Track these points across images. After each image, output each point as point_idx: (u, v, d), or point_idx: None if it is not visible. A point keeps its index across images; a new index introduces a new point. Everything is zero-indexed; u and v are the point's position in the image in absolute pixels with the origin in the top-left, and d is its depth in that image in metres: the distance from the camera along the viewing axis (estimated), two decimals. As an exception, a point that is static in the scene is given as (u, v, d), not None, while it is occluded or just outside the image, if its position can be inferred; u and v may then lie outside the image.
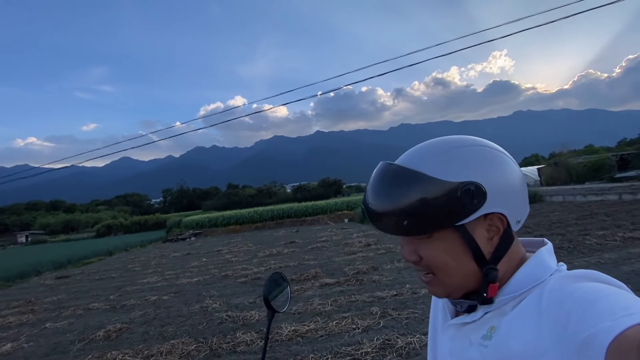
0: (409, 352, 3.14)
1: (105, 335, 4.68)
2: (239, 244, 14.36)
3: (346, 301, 4.87)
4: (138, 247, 19.95)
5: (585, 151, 37.77)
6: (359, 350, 3.25)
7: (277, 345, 3.70)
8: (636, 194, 13.25)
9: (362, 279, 5.95)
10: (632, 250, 5.70)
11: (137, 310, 5.85)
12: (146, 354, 3.82)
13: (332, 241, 11.60)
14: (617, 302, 0.38)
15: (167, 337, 4.38)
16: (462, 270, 0.51)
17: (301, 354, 3.38)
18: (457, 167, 0.49)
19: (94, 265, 13.93)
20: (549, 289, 0.45)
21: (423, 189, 0.48)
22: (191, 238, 21.64)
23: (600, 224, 8.46)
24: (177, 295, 6.70)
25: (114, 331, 4.81)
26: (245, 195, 63.91)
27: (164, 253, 14.93)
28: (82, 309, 6.49)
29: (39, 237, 48.49)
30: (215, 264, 9.95)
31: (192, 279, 8.15)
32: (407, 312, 4.12)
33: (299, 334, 3.87)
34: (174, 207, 79.17)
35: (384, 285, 5.44)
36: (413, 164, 0.51)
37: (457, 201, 0.47)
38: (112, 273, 10.95)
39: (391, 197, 0.50)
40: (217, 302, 5.68)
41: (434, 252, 0.51)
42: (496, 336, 0.48)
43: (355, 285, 5.72)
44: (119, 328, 4.92)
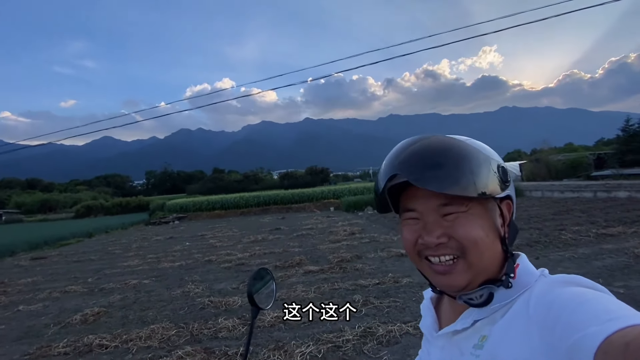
0: (389, 340, 3.20)
1: (82, 319, 4.58)
2: (224, 229, 14.25)
3: (329, 289, 4.91)
4: (119, 230, 19.53)
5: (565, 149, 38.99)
6: (340, 338, 3.30)
7: (260, 331, 3.71)
8: (610, 192, 13.81)
9: (345, 267, 6.01)
10: (604, 246, 5.95)
11: (117, 294, 5.75)
12: (125, 339, 3.76)
13: (317, 229, 11.65)
14: (601, 307, 0.39)
15: (147, 321, 4.32)
16: (492, 248, 0.52)
17: (283, 340, 3.40)
18: (491, 152, 0.55)
19: (72, 247, 13.56)
20: (536, 294, 0.46)
21: (478, 157, 0.51)
22: (175, 222, 21.33)
23: (575, 219, 8.79)
24: (159, 280, 6.60)
25: (91, 315, 4.70)
26: (231, 180, 63.28)
27: (146, 236, 14.67)
28: (59, 291, 6.32)
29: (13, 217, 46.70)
30: (199, 249, 9.86)
31: (174, 263, 8.05)
32: (388, 300, 4.19)
33: (282, 321, 3.89)
34: (157, 189, 77.68)
35: (366, 274, 5.51)
36: (464, 139, 0.54)
37: (497, 174, 0.52)
38: (91, 255, 10.69)
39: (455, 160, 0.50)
40: (200, 287, 5.64)
41: (470, 226, 0.51)
42: (488, 345, 0.49)
43: (339, 273, 5.78)
44: (97, 312, 4.82)
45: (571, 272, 0.50)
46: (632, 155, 22.08)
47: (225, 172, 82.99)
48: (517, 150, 63.79)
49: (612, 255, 5.35)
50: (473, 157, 0.51)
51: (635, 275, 4.37)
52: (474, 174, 0.49)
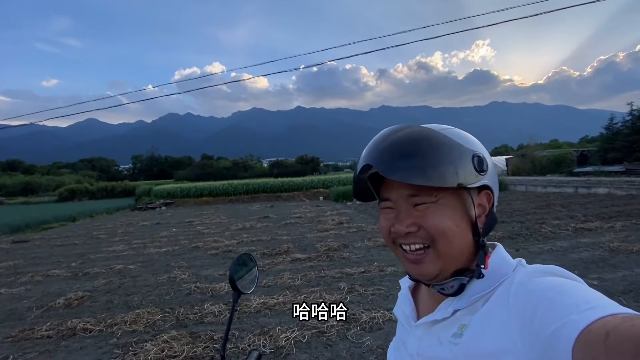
0: (372, 327, 3.29)
1: (65, 303, 4.53)
2: (212, 216, 14.17)
3: (316, 276, 4.98)
4: (104, 214, 19.20)
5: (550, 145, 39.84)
6: (324, 324, 3.36)
7: (245, 317, 3.75)
8: (590, 188, 14.26)
9: (332, 256, 6.09)
10: (581, 239, 6.18)
11: (101, 279, 5.70)
12: (109, 323, 3.75)
13: (306, 218, 11.71)
14: (580, 296, 0.39)
15: (132, 306, 4.31)
16: (462, 238, 0.52)
17: (268, 326, 3.45)
18: (469, 141, 0.54)
19: (54, 231, 13.29)
20: (516, 284, 0.46)
21: (450, 147, 0.51)
22: (161, 207, 21.07)
23: (556, 214, 9.07)
24: (145, 265, 6.56)
25: (75, 299, 4.66)
26: (220, 167, 62.55)
27: (131, 221, 14.47)
28: (41, 275, 6.22)
29: (-7, 198, 45.27)
30: (186, 235, 9.80)
31: (160, 249, 7.99)
32: (373, 288, 4.29)
33: (267, 307, 3.94)
34: (143, 174, 76.19)
35: (353, 262, 5.60)
36: (439, 129, 0.54)
37: (471, 165, 0.51)
38: (75, 240, 10.52)
39: (423, 150, 0.50)
40: (186, 273, 5.63)
41: (439, 216, 0.51)
42: (467, 334, 0.49)
43: (326, 261, 5.85)
44: (81, 296, 4.78)
45: (549, 264, 0.51)
46: (614, 153, 22.74)
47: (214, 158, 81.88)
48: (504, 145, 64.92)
49: (588, 248, 5.57)
50: (443, 147, 0.50)
51: (609, 268, 4.58)
52: (441, 164, 0.49)
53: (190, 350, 3.04)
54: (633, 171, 17.87)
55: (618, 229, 6.81)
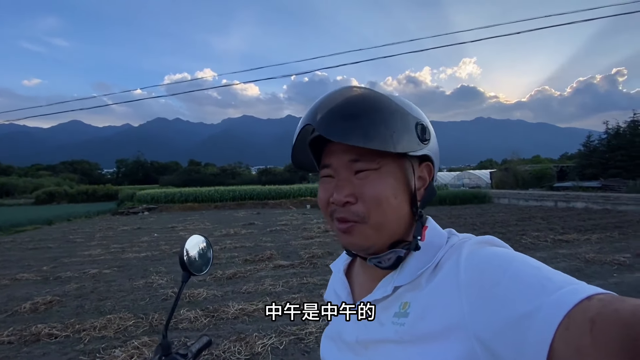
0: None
1: (32, 308, 4.31)
2: (196, 222, 13.89)
3: (298, 283, 4.90)
4: (83, 218, 18.55)
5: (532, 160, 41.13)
6: (303, 330, 3.29)
7: (222, 323, 3.64)
8: (569, 202, 14.70)
9: (316, 263, 6.02)
10: (559, 250, 6.32)
11: (73, 283, 5.45)
12: (77, 328, 3.57)
13: (291, 225, 11.61)
14: (539, 273, 0.37)
15: (103, 311, 4.13)
16: (399, 210, 0.49)
17: (245, 332, 3.35)
18: (413, 109, 0.52)
19: (28, 234, 12.73)
20: (464, 257, 0.44)
21: (394, 112, 0.48)
22: (144, 212, 20.54)
23: (536, 226, 9.28)
24: (121, 270, 6.33)
25: (42, 303, 4.43)
26: (208, 173, 61.78)
27: (111, 226, 14.03)
28: (8, 279, 5.91)
29: (-35, 200, 43.22)
30: (167, 240, 9.55)
31: (139, 253, 7.75)
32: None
33: (246, 313, 3.84)
34: (128, 179, 74.48)
35: (336, 270, 5.54)
36: (387, 94, 0.51)
37: (414, 132, 0.49)
38: (49, 243, 10.09)
39: (367, 111, 0.47)
40: (164, 279, 5.46)
41: (380, 185, 0.48)
42: (413, 312, 0.46)
43: (309, 268, 5.78)
44: (49, 300, 4.55)
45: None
46: (591, 169, 23.63)
47: (202, 164, 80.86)
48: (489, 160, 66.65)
49: (565, 259, 5.69)
50: (387, 110, 0.48)
51: (584, 278, 4.62)
52: (388, 128, 0.46)
53: (162, 357, 2.91)
54: (608, 187, 18.57)
55: (594, 241, 7.01)
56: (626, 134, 23.48)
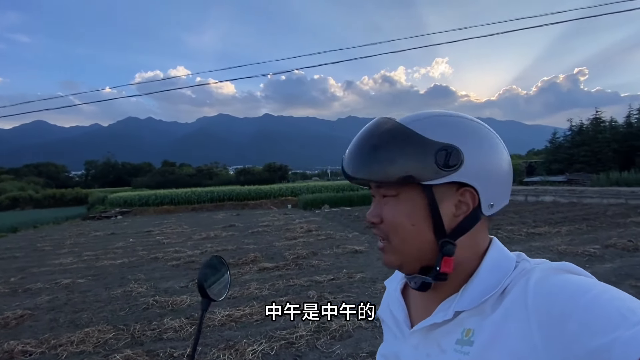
0: (342, 335, 3.25)
1: (2, 323, 4.02)
2: (173, 225, 13.47)
3: (284, 285, 4.86)
4: (51, 224, 17.54)
5: (503, 157, 42.93)
6: (293, 334, 3.27)
7: (209, 331, 3.55)
8: (539, 196, 15.49)
9: (301, 264, 6.00)
10: (533, 243, 6.64)
11: (45, 295, 5.14)
12: (53, 344, 3.37)
13: (273, 226, 11.50)
14: (620, 304, 0.35)
15: (80, 324, 3.92)
16: (419, 237, 0.49)
17: (234, 339, 3.28)
18: (444, 130, 0.48)
19: (-10, 243, 11.88)
20: (534, 284, 0.41)
21: (404, 141, 0.47)
22: (117, 217, 19.69)
23: (509, 220, 9.69)
24: (96, 279, 6.04)
25: (13, 318, 4.15)
26: (183, 174, 60.00)
27: (83, 232, 13.34)
28: (-29, 293, 5.49)
29: None
30: (144, 246, 9.20)
31: (115, 260, 7.41)
32: (342, 295, 4.26)
33: (233, 319, 3.76)
34: (98, 181, 71.09)
35: (322, 270, 5.55)
36: (406, 120, 0.50)
37: (431, 159, 0.46)
38: (15, 252, 9.47)
39: (374, 146, 0.49)
40: (144, 286, 5.25)
41: (395, 212, 0.49)
42: (479, 341, 0.43)
43: (294, 269, 5.75)
44: (20, 315, 4.26)
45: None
46: (557, 164, 24.97)
47: (177, 165, 78.39)
48: (462, 156, 68.82)
49: (539, 252, 5.98)
50: (393, 141, 0.48)
51: (557, 269, 4.93)
52: (387, 158, 0.47)
53: (147, 370, 2.80)
54: (574, 181, 19.71)
55: (564, 233, 7.41)
56: (589, 130, 24.96)
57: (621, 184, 16.29)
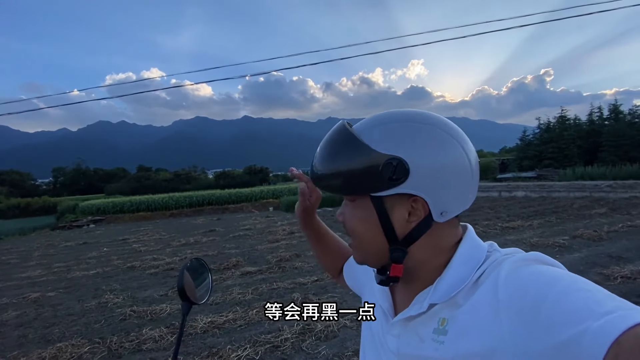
0: (327, 335, 3.25)
1: (-39, 344, 3.74)
2: (150, 232, 13.02)
3: (267, 289, 4.81)
4: (16, 236, 16.53)
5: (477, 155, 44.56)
6: (278, 338, 3.24)
7: (191, 339, 3.45)
8: (511, 192, 16.15)
9: (284, 266, 5.96)
10: (507, 237, 6.92)
11: (11, 311, 4.82)
12: (21, 362, 3.17)
13: (255, 229, 11.36)
14: (587, 294, 0.35)
15: (51, 339, 3.70)
16: (373, 241, 0.52)
17: (217, 346, 3.21)
18: (392, 141, 0.48)
19: (-53, 259, 11.03)
20: (505, 275, 0.42)
21: (354, 152, 0.49)
22: (89, 225, 18.82)
23: (485, 215, 10.06)
24: (68, 291, 5.73)
25: (-26, 338, 3.87)
26: (160, 179, 58.19)
27: (52, 242, 12.65)
28: None
29: None
30: (120, 255, 8.83)
31: (88, 271, 7.07)
32: (326, 296, 4.27)
33: (216, 325, 3.68)
34: (67, 189, 67.66)
35: (305, 272, 5.53)
36: (359, 129, 0.52)
37: (377, 172, 0.47)
38: (-24, 267, 8.83)
39: (329, 155, 0.53)
40: (120, 297, 5.04)
41: (351, 216, 0.54)
42: (452, 331, 0.45)
43: (278, 272, 5.70)
44: (-17, 334, 3.98)
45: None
46: (527, 161, 26.16)
47: (153, 170, 75.90)
48: (439, 155, 70.82)
49: (514, 244, 6.20)
50: (346, 152, 0.50)
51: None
52: (334, 170, 0.51)
53: (126, 384, 2.69)
54: (543, 176, 20.72)
55: (535, 226, 7.77)
56: (555, 128, 26.35)
57: (586, 178, 17.29)
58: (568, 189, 13.95)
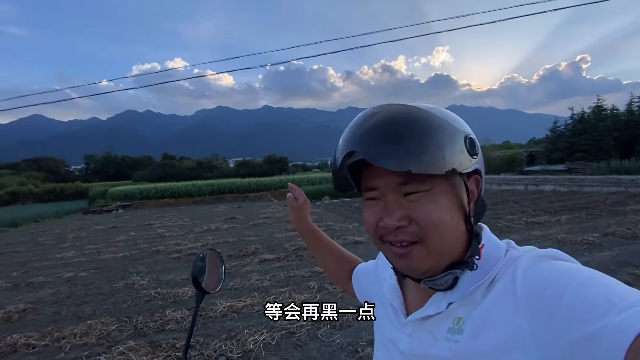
0: (342, 324, 3.28)
1: (4, 317, 4.06)
2: (174, 218, 13.51)
3: (285, 276, 4.90)
4: (52, 219, 17.61)
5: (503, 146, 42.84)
6: (294, 324, 3.30)
7: (211, 321, 3.59)
8: (538, 185, 15.48)
9: (302, 255, 6.03)
10: (532, 232, 6.66)
11: (47, 289, 5.18)
12: (56, 337, 3.40)
13: (274, 218, 11.54)
14: (607, 289, 0.35)
15: (83, 317, 3.95)
16: (457, 230, 0.47)
17: (235, 330, 3.32)
18: (458, 120, 0.49)
19: (-8, 238, 11.95)
20: (522, 271, 0.42)
21: (443, 129, 0.46)
22: (118, 210, 19.76)
23: (509, 209, 9.71)
24: (98, 272, 6.08)
25: (15, 312, 4.19)
26: (183, 167, 59.96)
27: (84, 226, 13.40)
28: (-26, 287, 5.53)
29: None
30: (145, 239, 9.24)
31: (117, 254, 7.46)
32: (342, 286, 4.29)
33: (235, 310, 3.80)
34: (98, 175, 71.14)
35: (322, 262, 5.58)
36: (426, 108, 0.48)
37: (465, 147, 0.46)
38: (17, 247, 9.52)
39: (416, 133, 0.44)
40: (145, 279, 5.29)
41: (435, 207, 0.45)
42: (468, 329, 0.44)
43: (295, 260, 5.78)
44: (23, 309, 4.30)
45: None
46: (557, 153, 24.91)
47: (177, 158, 78.27)
48: (462, 146, 68.72)
49: (538, 240, 6.01)
50: (438, 129, 0.45)
51: (556, 257, 4.96)
52: (439, 148, 0.44)
53: (150, 361, 2.84)
54: (574, 169, 19.70)
55: (563, 222, 7.43)
56: (590, 118, 24.82)
57: (621, 173, 16.27)
58: (601, 184, 13.20)
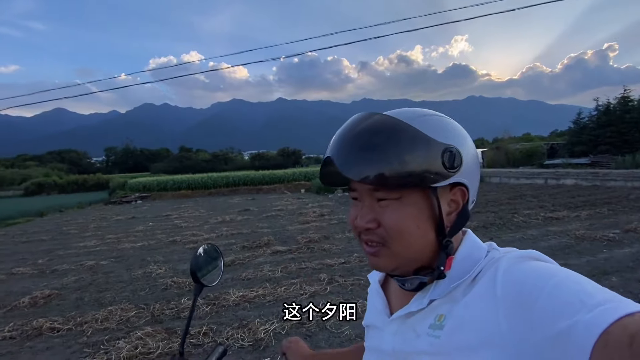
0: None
1: (31, 302, 4.30)
2: (190, 210, 13.85)
3: (296, 268, 4.97)
4: (75, 209, 18.34)
5: (523, 138, 41.51)
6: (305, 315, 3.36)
7: (224, 310, 3.69)
8: (559, 179, 14.97)
9: (313, 247, 6.09)
10: (550, 228, 6.48)
11: (71, 276, 5.44)
12: (79, 321, 3.59)
13: (287, 210, 11.65)
14: (579, 287, 0.37)
15: (104, 303, 4.15)
16: (423, 239, 0.48)
17: (247, 319, 3.41)
18: (443, 131, 0.49)
19: (20, 227, 12.57)
20: (502, 272, 0.43)
21: (413, 141, 0.46)
22: (137, 201, 20.38)
23: (527, 204, 9.46)
24: (118, 261, 6.33)
25: (41, 297, 4.43)
26: (199, 159, 61.10)
27: (105, 216, 13.91)
28: (4, 273, 5.87)
29: (-50, 193, 42.15)
30: (163, 229, 9.52)
31: (135, 243, 7.73)
32: (352, 279, 4.32)
33: (247, 299, 3.89)
34: (118, 167, 73.41)
35: (333, 254, 5.62)
36: (406, 119, 0.48)
37: (439, 161, 0.46)
38: (43, 235, 10.00)
39: (380, 144, 0.46)
40: (162, 268, 5.47)
41: (400, 216, 0.47)
42: (449, 325, 0.45)
43: (306, 253, 5.85)
44: (48, 294, 4.54)
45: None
46: (580, 146, 23.91)
47: (193, 150, 79.76)
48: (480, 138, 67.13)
49: (556, 236, 5.84)
50: (404, 141, 0.45)
51: (574, 254, 4.82)
52: (400, 160, 0.45)
53: (166, 347, 2.96)
54: (597, 163, 18.91)
55: (583, 217, 7.18)
56: (616, 110, 23.64)
57: (648, 166, 15.52)
58: (626, 178, 12.64)
